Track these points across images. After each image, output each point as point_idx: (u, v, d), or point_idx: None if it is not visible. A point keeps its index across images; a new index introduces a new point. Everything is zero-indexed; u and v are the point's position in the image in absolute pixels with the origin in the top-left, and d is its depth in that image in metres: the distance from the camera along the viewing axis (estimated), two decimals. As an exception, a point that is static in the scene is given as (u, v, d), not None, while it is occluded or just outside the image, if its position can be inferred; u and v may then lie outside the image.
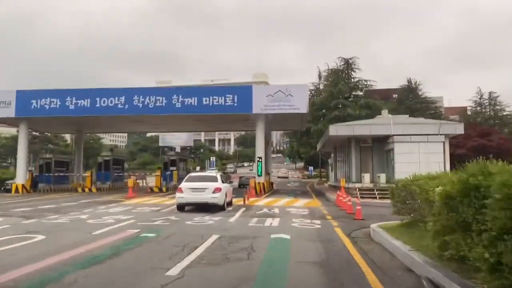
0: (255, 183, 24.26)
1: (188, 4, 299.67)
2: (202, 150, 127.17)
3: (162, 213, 14.67)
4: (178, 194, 15.11)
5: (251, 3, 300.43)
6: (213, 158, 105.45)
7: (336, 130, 24.38)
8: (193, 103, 25.70)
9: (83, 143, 34.60)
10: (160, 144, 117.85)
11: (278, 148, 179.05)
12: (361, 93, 43.76)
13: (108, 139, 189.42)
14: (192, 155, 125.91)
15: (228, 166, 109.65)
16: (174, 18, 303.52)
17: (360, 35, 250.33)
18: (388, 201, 21.31)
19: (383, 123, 24.32)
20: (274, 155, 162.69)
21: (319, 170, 57.86)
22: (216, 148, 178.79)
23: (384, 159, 25.64)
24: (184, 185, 15.36)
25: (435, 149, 23.17)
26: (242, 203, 18.34)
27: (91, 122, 29.75)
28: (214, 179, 15.97)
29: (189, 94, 25.79)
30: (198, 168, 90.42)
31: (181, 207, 15.26)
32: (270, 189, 30.66)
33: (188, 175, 17.52)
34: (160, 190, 27.24)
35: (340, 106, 40.27)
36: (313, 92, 47.26)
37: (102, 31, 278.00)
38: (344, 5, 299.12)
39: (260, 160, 26.34)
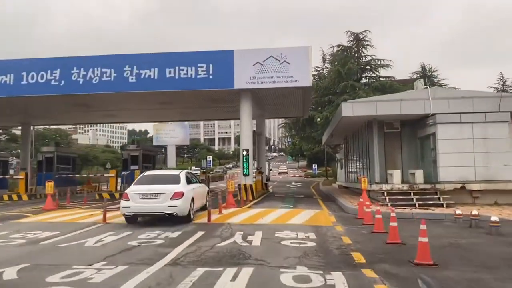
0: (236, 186, 17.12)
1: (188, 4, 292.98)
2: (198, 149, 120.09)
3: (29, 251, 7.57)
4: (122, 203, 10.95)
5: (251, 2, 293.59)
6: (209, 157, 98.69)
7: (352, 109, 17.15)
8: (152, 76, 18.56)
9: (30, 138, 27.51)
10: (154, 143, 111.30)
11: (280, 146, 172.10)
12: (374, 75, 36.46)
13: (104, 138, 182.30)
14: (187, 154, 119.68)
15: (226, 165, 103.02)
16: (174, 17, 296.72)
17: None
18: (439, 211, 14.21)
19: (418, 98, 17.09)
20: (275, 154, 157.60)
21: (324, 168, 50.47)
22: (216, 147, 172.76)
23: (417, 149, 18.46)
24: (132, 189, 11.21)
25: (497, 133, 15.95)
26: (206, 220, 11.27)
27: (19, 108, 22.57)
28: (174, 180, 11.61)
29: (147, 63, 18.63)
30: (193, 168, 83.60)
31: (131, 219, 11.13)
32: (263, 193, 23.51)
33: (141, 175, 12.65)
34: (112, 196, 20.09)
35: (349, 90, 32.98)
36: (316, 78, 39.81)
37: (102, 31, 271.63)
38: (344, 4, 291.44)
39: (247, 153, 19.22)
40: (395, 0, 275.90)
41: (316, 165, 59.55)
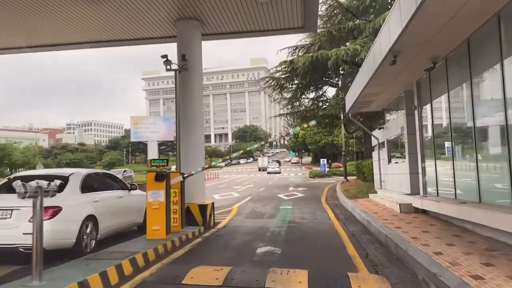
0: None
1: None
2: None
3: None
4: None
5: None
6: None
7: None
8: None
9: None
10: (132, 139, 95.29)
11: (282, 142, 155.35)
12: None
13: (92, 138, 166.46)
14: (171, 152, 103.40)
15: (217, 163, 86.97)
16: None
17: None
18: None
19: None
20: (277, 150, 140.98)
21: (340, 162, 33.48)
22: (212, 143, 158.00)
23: None
24: None
25: None
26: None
27: None
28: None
29: None
30: (173, 168, 67.17)
31: None
32: (183, 239, 6.96)
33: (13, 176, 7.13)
34: None
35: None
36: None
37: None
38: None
39: None
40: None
41: (325, 160, 42.76)
